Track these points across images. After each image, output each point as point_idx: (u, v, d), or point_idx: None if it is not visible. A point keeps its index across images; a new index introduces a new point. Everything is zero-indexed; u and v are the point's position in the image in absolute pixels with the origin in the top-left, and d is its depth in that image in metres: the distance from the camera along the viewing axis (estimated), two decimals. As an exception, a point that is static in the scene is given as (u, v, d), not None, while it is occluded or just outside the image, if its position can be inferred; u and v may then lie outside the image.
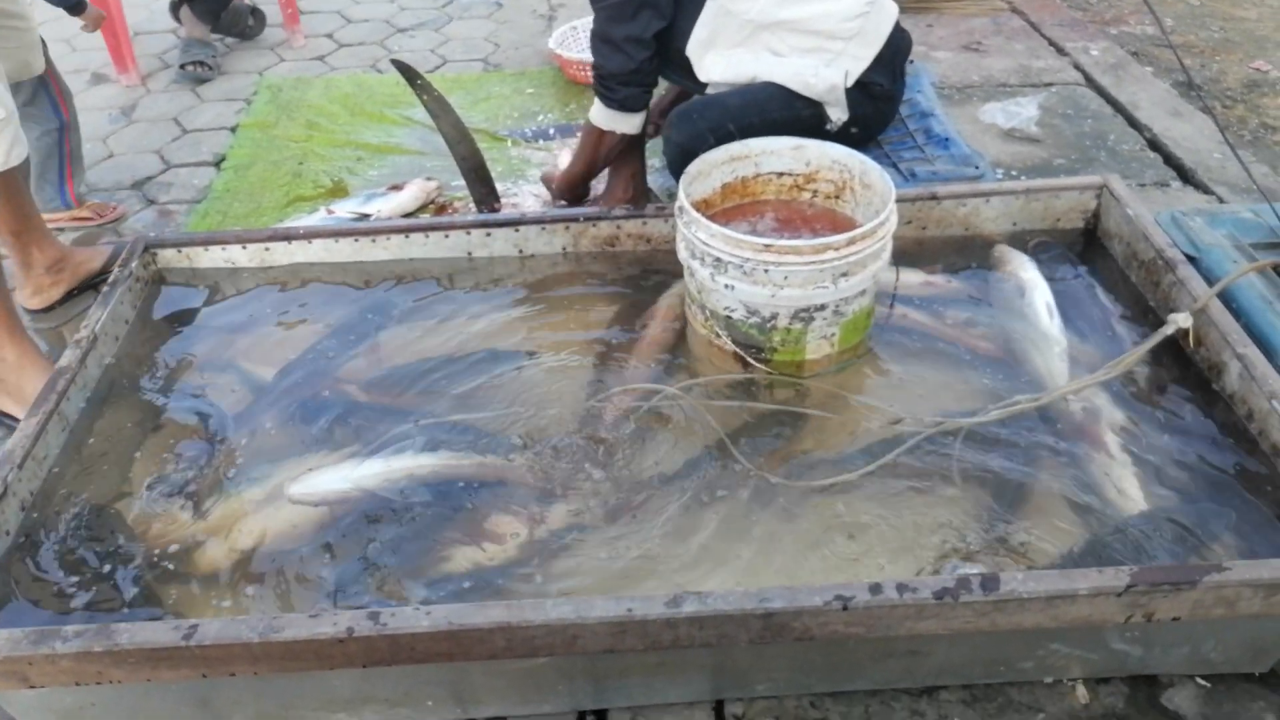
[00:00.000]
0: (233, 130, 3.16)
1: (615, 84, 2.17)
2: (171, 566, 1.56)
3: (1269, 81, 3.45)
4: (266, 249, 2.16)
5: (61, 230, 2.64)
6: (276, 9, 3.75)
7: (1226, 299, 1.79)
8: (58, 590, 1.51)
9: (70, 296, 2.42)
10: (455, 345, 1.99)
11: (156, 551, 1.58)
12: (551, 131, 3.08)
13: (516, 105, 3.26)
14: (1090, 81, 3.25)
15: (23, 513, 1.58)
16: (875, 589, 1.31)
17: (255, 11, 3.74)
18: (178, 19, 3.58)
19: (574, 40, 3.39)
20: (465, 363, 1.94)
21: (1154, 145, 2.90)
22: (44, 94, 2.47)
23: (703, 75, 2.20)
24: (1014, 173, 2.75)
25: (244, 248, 2.16)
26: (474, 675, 1.42)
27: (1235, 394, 1.68)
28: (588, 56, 3.11)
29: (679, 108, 2.22)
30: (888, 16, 2.23)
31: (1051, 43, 3.51)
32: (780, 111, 2.13)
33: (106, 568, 1.55)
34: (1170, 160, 2.83)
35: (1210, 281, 1.81)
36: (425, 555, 1.57)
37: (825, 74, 2.13)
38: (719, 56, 2.18)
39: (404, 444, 1.76)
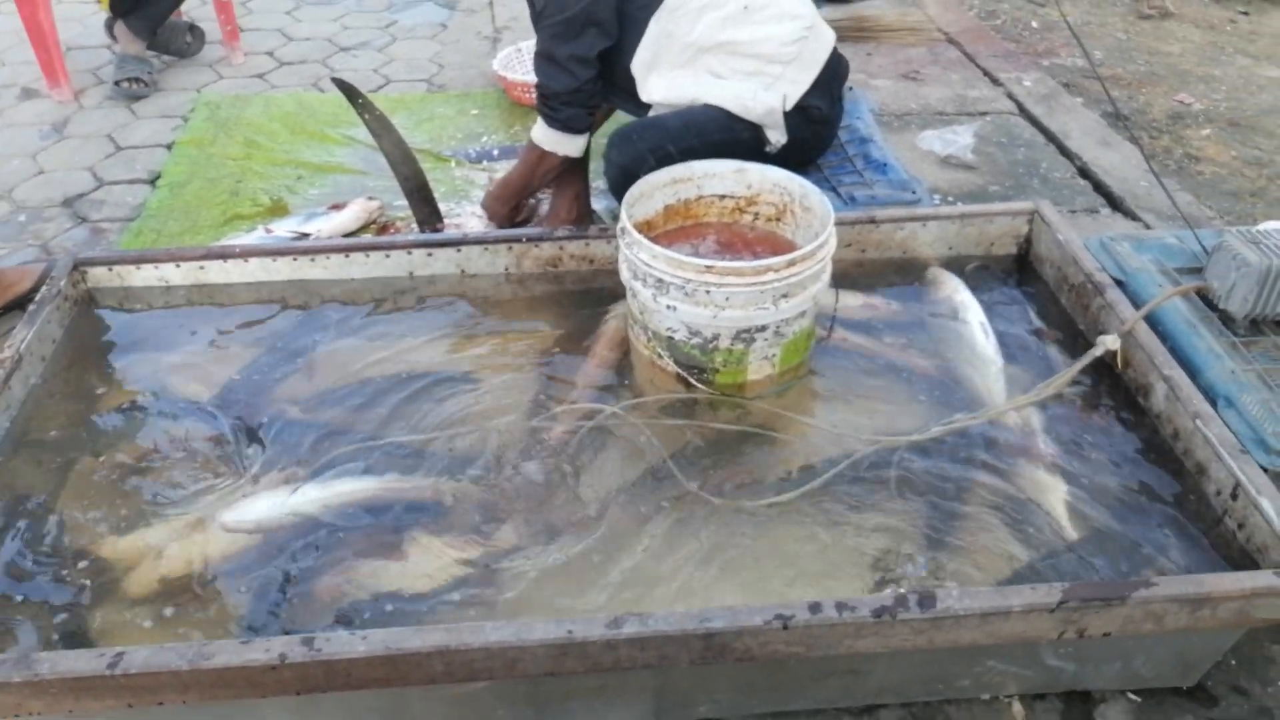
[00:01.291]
0: (169, 148, 3.10)
1: (559, 103, 2.18)
2: (98, 594, 1.50)
3: (1192, 114, 3.58)
4: (201, 267, 2.12)
5: None
6: (215, 26, 3.70)
7: (1153, 322, 1.85)
8: (-27, 620, 1.45)
9: (-5, 316, 2.34)
10: (396, 365, 1.96)
11: (82, 579, 1.53)
12: (495, 152, 3.07)
13: (460, 126, 3.25)
14: (1023, 111, 3.34)
15: (-63, 539, 1.52)
16: (815, 608, 1.31)
17: (194, 29, 3.67)
18: (113, 36, 3.51)
19: (518, 62, 3.40)
20: (406, 383, 1.91)
21: (1084, 173, 2.99)
22: None
23: (645, 96, 2.22)
24: (950, 198, 2.81)
25: (178, 266, 2.11)
26: (413, 702, 1.39)
27: (1162, 413, 1.73)
28: (532, 78, 3.11)
29: (619, 129, 2.23)
30: (825, 42, 2.28)
31: (986, 73, 3.60)
32: (720, 134, 2.16)
33: (28, 595, 1.49)
34: (1100, 188, 2.91)
35: (1137, 305, 1.87)
36: (363, 580, 1.53)
37: (764, 97, 2.16)
38: (661, 78, 2.21)
39: (342, 468, 1.73)
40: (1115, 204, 2.84)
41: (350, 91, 2.38)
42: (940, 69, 3.63)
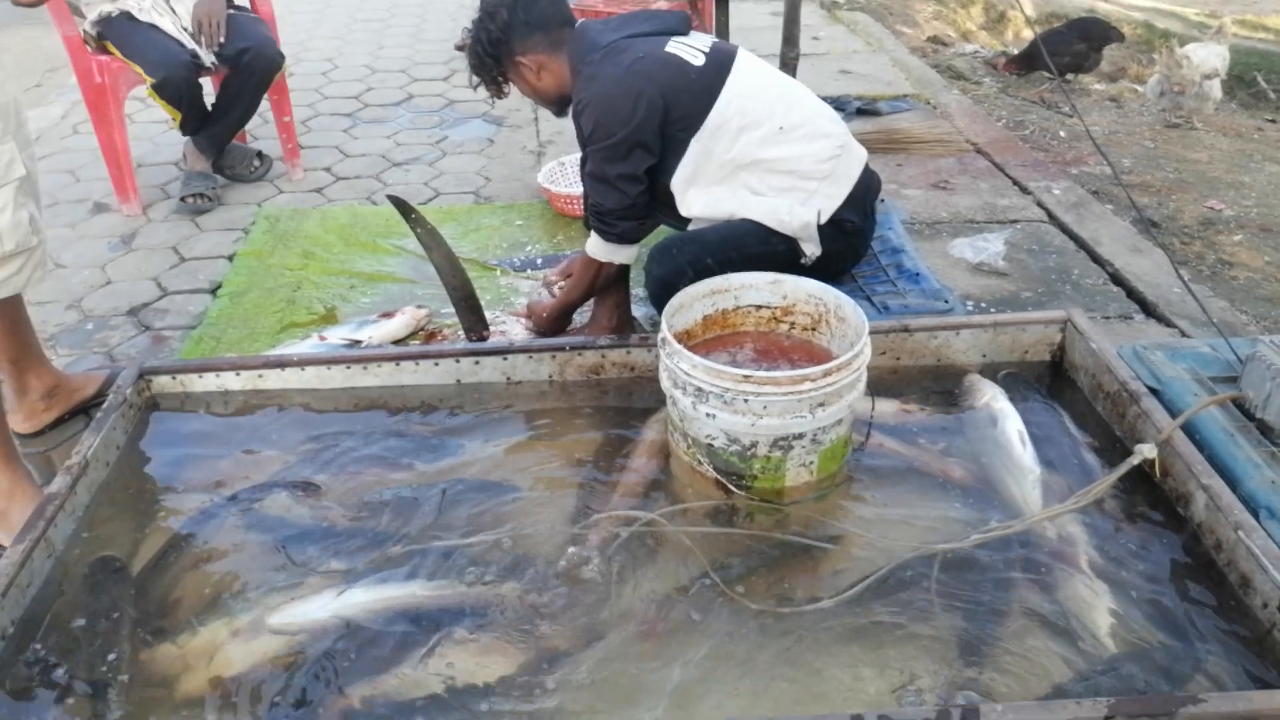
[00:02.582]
0: (230, 259, 3.25)
1: (613, 219, 2.28)
2: (154, 695, 1.54)
3: (1223, 219, 3.63)
4: (260, 375, 2.21)
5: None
6: (277, 144, 3.91)
7: (1190, 431, 1.86)
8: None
9: (60, 421, 2.45)
10: (441, 471, 2.02)
11: (139, 680, 1.57)
12: (539, 261, 3.18)
13: (506, 236, 3.38)
14: (1053, 219, 3.41)
15: (3, 641, 1.57)
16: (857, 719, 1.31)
17: (261, 156, 3.87)
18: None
19: (561, 175, 3.54)
20: (450, 488, 1.97)
21: (1116, 279, 3.03)
22: None
23: (685, 211, 2.32)
24: (983, 305, 2.86)
25: (238, 374, 2.21)
26: (453, 811, 1.40)
27: (1203, 523, 1.73)
28: (574, 190, 3.26)
29: (659, 243, 2.33)
30: (858, 159, 2.37)
31: (1015, 182, 3.69)
32: (757, 247, 2.24)
33: (88, 696, 1.53)
34: (1133, 294, 2.95)
35: (1173, 414, 1.88)
36: (405, 686, 1.56)
37: (799, 212, 2.25)
38: (700, 193, 2.30)
39: (386, 572, 1.77)
40: (1149, 310, 2.86)
41: (403, 207, 2.51)
42: (970, 178, 3.72)
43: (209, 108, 3.60)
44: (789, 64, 3.56)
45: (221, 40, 3.38)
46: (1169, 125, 4.75)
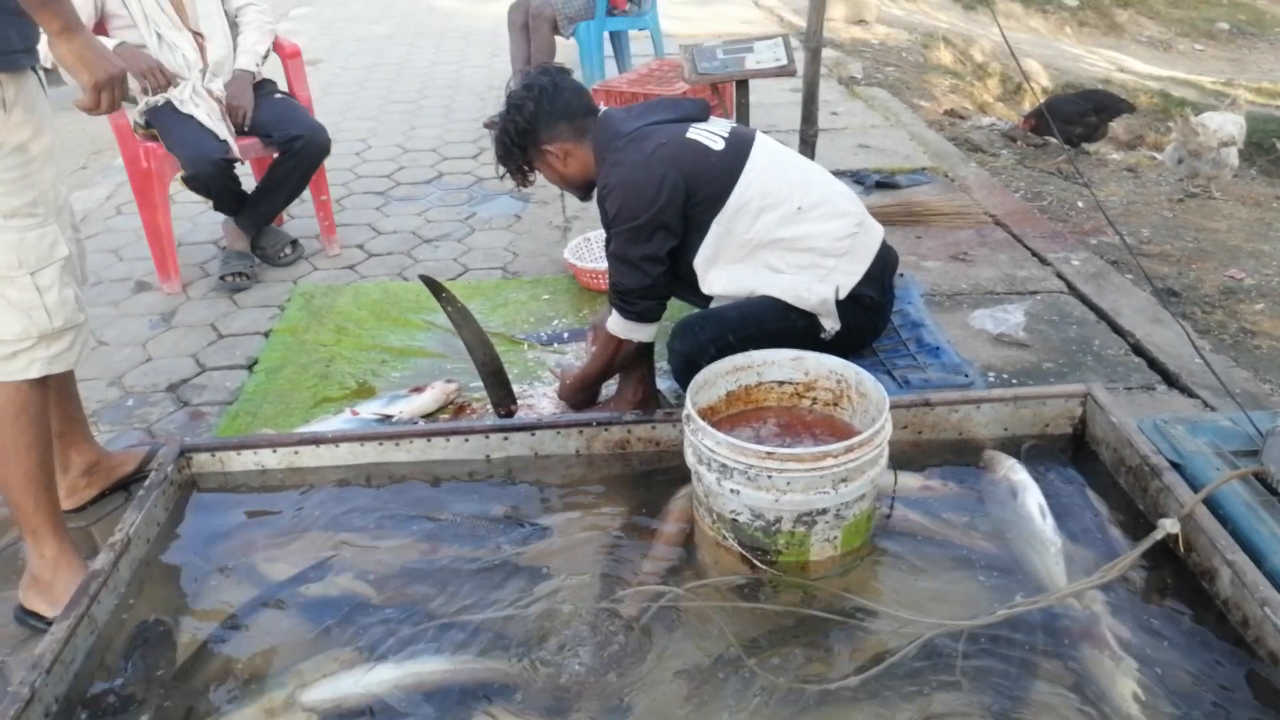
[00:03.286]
0: (266, 335, 3.35)
1: (634, 298, 2.35)
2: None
3: (1244, 289, 3.65)
4: (295, 452, 2.28)
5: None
6: (313, 221, 4.04)
7: (1213, 505, 1.87)
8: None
9: (101, 496, 2.51)
10: (470, 546, 2.06)
11: (172, 758, 1.61)
12: (565, 335, 3.25)
13: (533, 310, 3.46)
14: (1073, 289, 3.44)
15: (47, 718, 1.61)
16: (883, 800, 1.32)
17: (295, 243, 3.99)
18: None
19: (587, 250, 3.63)
20: (479, 563, 2.00)
21: (1137, 350, 3.05)
22: None
23: (706, 289, 2.38)
24: (1005, 375, 2.88)
25: (274, 451, 2.27)
26: None
27: (1229, 600, 1.73)
28: (600, 265, 3.34)
29: (681, 320, 2.39)
30: (875, 236, 2.44)
31: (1034, 253, 3.74)
32: (777, 323, 2.30)
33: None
34: (1154, 365, 2.96)
35: (1195, 488, 1.90)
36: (437, 762, 1.58)
37: (818, 289, 2.31)
38: (721, 272, 2.37)
39: (415, 647, 1.80)
40: (1171, 381, 2.88)
41: (434, 286, 2.59)
42: (989, 250, 3.77)
43: (245, 192, 3.74)
44: (808, 141, 3.65)
45: (246, 127, 3.53)
46: (1188, 195, 4.80)
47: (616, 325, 2.41)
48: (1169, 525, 1.82)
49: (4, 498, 2.10)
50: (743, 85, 3.63)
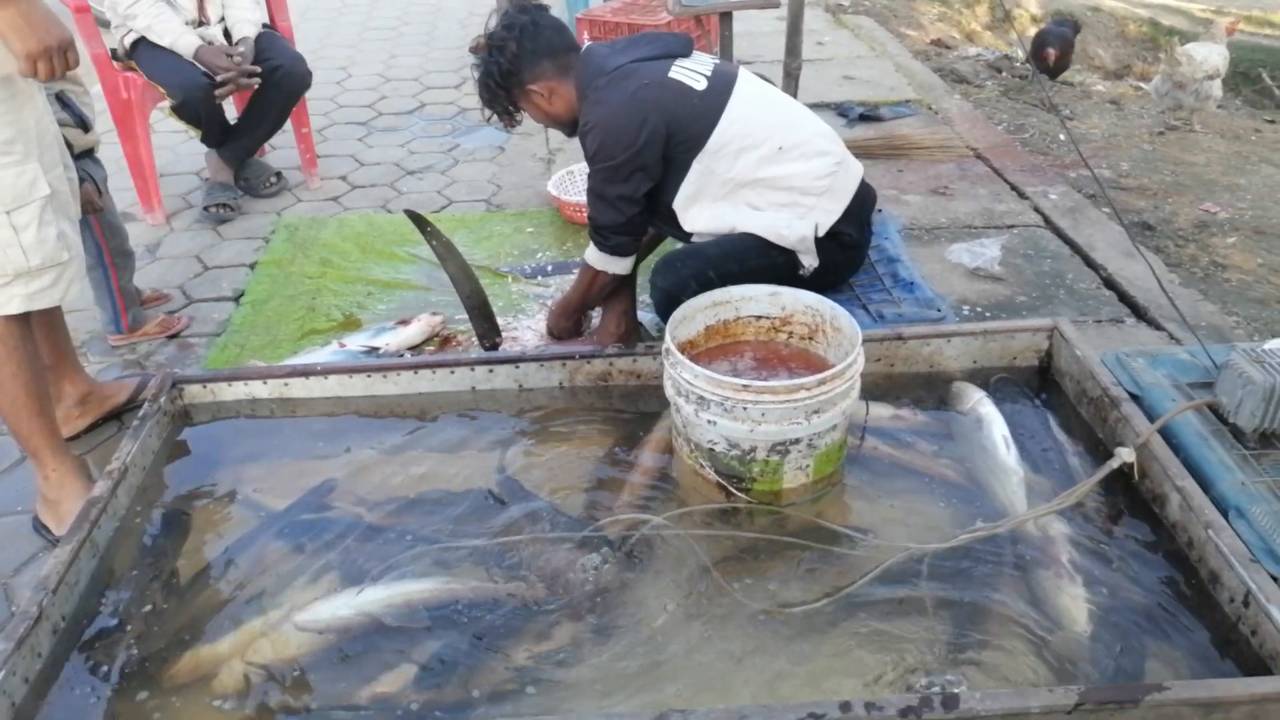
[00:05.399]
0: (251, 267, 3.38)
1: (609, 234, 2.39)
2: (190, 689, 1.66)
3: (1217, 222, 3.71)
4: (285, 384, 2.33)
5: (118, 349, 2.90)
6: (295, 153, 4.03)
7: (1167, 435, 1.96)
8: (88, 711, 1.62)
9: (94, 426, 2.57)
10: (456, 474, 2.13)
11: (175, 674, 1.69)
12: (549, 268, 3.29)
13: (517, 243, 3.49)
14: (1049, 224, 3.49)
15: (54, 636, 1.69)
16: (845, 707, 1.42)
17: (279, 175, 3.99)
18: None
19: (570, 184, 3.65)
20: (465, 491, 2.08)
21: (1109, 284, 3.12)
22: (87, 234, 2.65)
23: (687, 226, 2.43)
24: (979, 309, 2.95)
25: (264, 383, 2.33)
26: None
27: (1177, 523, 1.83)
28: (583, 199, 3.36)
29: (664, 257, 2.44)
30: (854, 175, 2.47)
31: (1014, 187, 3.78)
32: (757, 260, 2.35)
33: (129, 688, 1.66)
34: (1124, 298, 3.03)
35: (1152, 418, 1.98)
36: (426, 676, 1.68)
37: (798, 226, 2.35)
38: (702, 210, 2.41)
39: (403, 570, 1.89)
40: (1140, 314, 2.95)
41: (419, 221, 2.62)
42: (969, 184, 3.81)
43: (230, 122, 3.72)
44: (792, 74, 3.65)
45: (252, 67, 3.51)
46: (1169, 128, 4.82)
47: (593, 257, 2.46)
48: (1125, 454, 1.91)
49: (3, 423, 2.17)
50: (726, 17, 3.60)
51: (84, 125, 2.56)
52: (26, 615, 1.63)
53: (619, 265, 2.48)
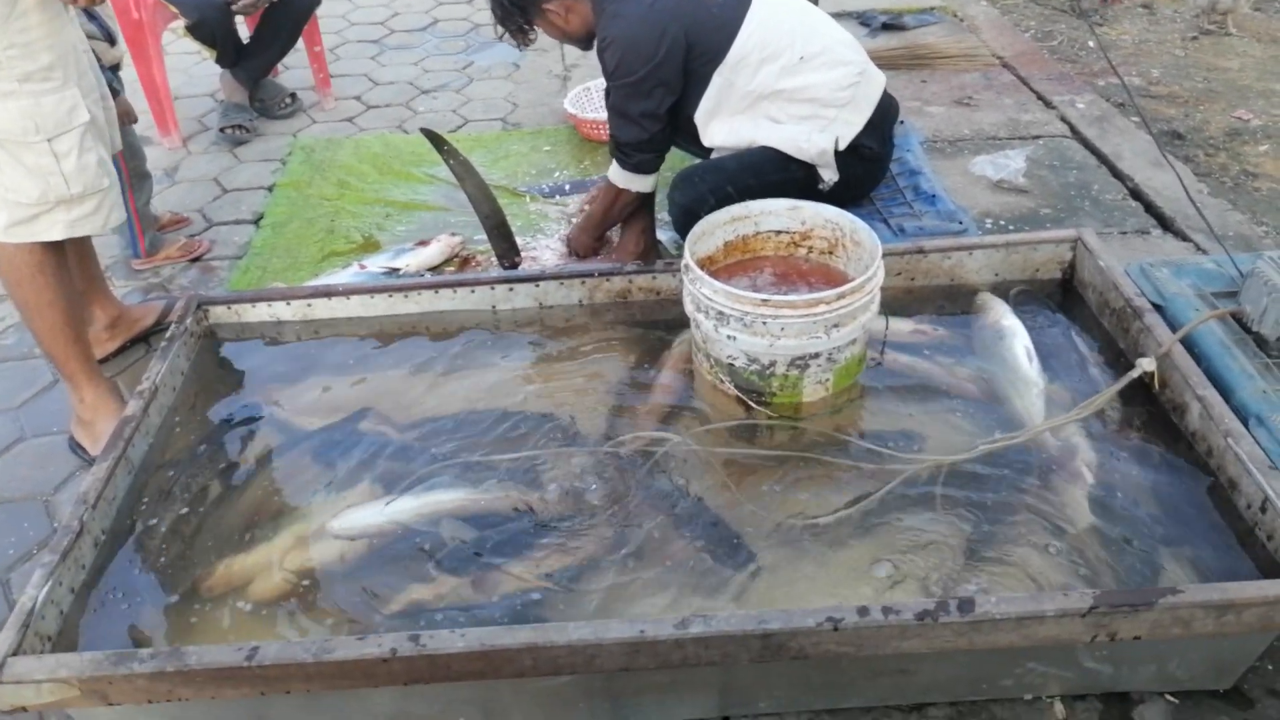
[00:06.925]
0: (269, 190, 3.37)
1: (631, 151, 2.37)
2: (229, 596, 1.73)
3: (1250, 130, 3.62)
4: (309, 305, 2.35)
5: (141, 273, 2.94)
6: (308, 73, 3.99)
7: (1189, 344, 1.95)
8: (130, 618, 1.68)
9: (123, 349, 2.61)
10: (479, 392, 2.16)
11: (212, 584, 1.75)
12: (567, 187, 3.27)
13: (534, 162, 3.46)
14: (1076, 134, 3.42)
15: (95, 549, 1.75)
16: (863, 611, 1.46)
17: (293, 96, 3.95)
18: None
19: (587, 100, 3.60)
20: (489, 408, 2.11)
21: (1136, 195, 3.06)
22: None
23: (707, 141, 2.40)
24: (1002, 222, 2.92)
25: (288, 304, 2.35)
26: (503, 693, 1.57)
27: (1196, 432, 1.83)
28: (601, 116, 3.32)
29: (682, 171, 2.41)
30: (876, 86, 2.42)
31: (1040, 96, 3.69)
32: (776, 174, 2.32)
33: (168, 598, 1.72)
34: (1151, 209, 2.99)
35: (1174, 328, 1.97)
36: (456, 582, 1.73)
37: (817, 139, 2.32)
38: (722, 124, 2.38)
39: (432, 481, 1.93)
40: (1166, 225, 2.91)
41: (436, 140, 2.60)
42: (994, 94, 3.72)
43: (244, 41, 3.68)
44: (813, -19, 3.55)
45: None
46: (1203, 32, 4.66)
47: (616, 175, 2.44)
48: (1146, 364, 1.90)
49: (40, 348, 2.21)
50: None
51: (110, 38, 2.54)
52: (69, 529, 1.68)
53: (642, 183, 2.46)
